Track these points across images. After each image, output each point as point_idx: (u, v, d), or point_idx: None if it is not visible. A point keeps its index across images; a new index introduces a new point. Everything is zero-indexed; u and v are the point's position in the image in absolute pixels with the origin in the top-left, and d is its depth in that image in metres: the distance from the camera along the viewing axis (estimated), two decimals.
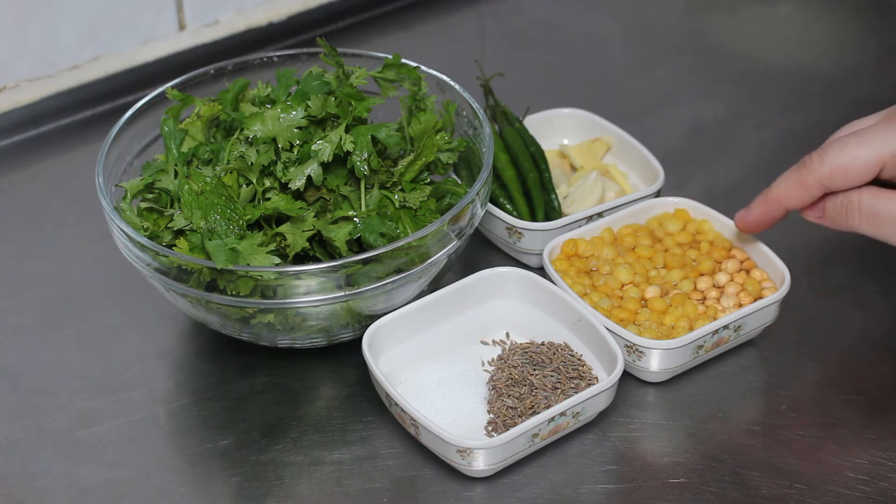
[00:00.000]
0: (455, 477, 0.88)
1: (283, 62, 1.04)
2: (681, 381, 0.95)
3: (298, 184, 0.92)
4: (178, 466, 0.90)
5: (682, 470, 0.89)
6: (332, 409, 0.93)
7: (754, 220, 0.93)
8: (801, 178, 0.89)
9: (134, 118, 0.99)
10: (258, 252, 0.88)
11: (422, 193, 0.94)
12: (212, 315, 0.92)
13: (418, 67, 0.99)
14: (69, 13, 1.18)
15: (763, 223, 0.93)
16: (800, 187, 0.89)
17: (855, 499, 0.86)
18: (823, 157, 0.88)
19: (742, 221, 0.95)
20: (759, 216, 0.93)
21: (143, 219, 0.93)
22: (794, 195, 0.90)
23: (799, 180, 0.89)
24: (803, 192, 0.89)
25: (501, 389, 0.91)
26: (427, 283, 0.94)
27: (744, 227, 0.95)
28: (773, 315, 0.96)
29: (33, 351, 0.98)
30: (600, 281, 0.97)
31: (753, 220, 0.94)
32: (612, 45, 1.31)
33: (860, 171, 0.87)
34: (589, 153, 1.10)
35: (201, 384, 0.95)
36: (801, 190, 0.89)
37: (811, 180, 0.88)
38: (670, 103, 1.22)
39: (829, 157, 0.88)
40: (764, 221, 0.93)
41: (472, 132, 1.00)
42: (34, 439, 0.92)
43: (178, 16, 1.25)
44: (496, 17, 1.36)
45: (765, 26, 1.33)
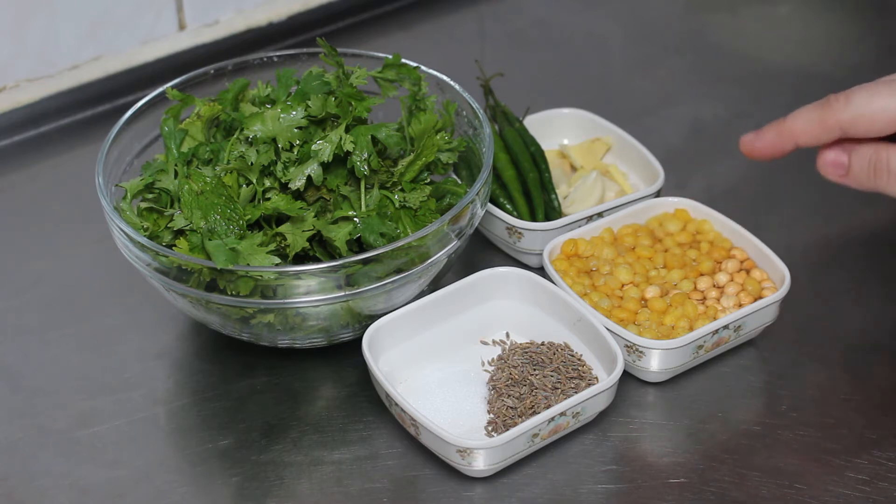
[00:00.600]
0: (455, 477, 0.88)
1: (283, 62, 1.04)
2: (681, 381, 0.95)
3: (298, 184, 0.92)
4: (178, 466, 0.90)
5: (682, 470, 0.89)
6: (332, 409, 0.93)
7: (762, 146, 0.90)
8: (822, 116, 0.86)
9: (134, 118, 0.99)
10: (258, 252, 0.88)
11: (422, 193, 0.94)
12: (212, 315, 0.92)
13: (418, 67, 1.00)
14: (69, 13, 1.18)
15: (770, 153, 0.90)
16: (818, 125, 0.86)
17: (855, 499, 0.86)
18: (850, 100, 0.85)
19: (749, 145, 0.91)
20: (769, 144, 0.90)
21: (143, 219, 0.93)
22: (810, 132, 0.87)
23: (820, 118, 0.86)
24: (821, 131, 0.86)
25: (501, 389, 0.91)
26: (427, 283, 0.94)
27: (749, 151, 0.91)
28: (773, 315, 0.96)
29: (33, 351, 0.98)
30: (600, 281, 0.97)
31: (761, 147, 0.91)
32: (612, 45, 1.31)
33: (886, 121, 0.84)
34: (589, 153, 1.10)
35: (201, 384, 0.95)
36: (819, 129, 0.86)
37: (832, 121, 0.86)
38: (670, 103, 1.22)
39: (855, 101, 0.85)
40: (772, 151, 0.90)
41: (472, 132, 1.00)
42: (34, 439, 0.92)
43: (178, 16, 1.25)
44: (496, 17, 1.36)
45: (765, 26, 1.33)
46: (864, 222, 1.08)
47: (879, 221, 1.08)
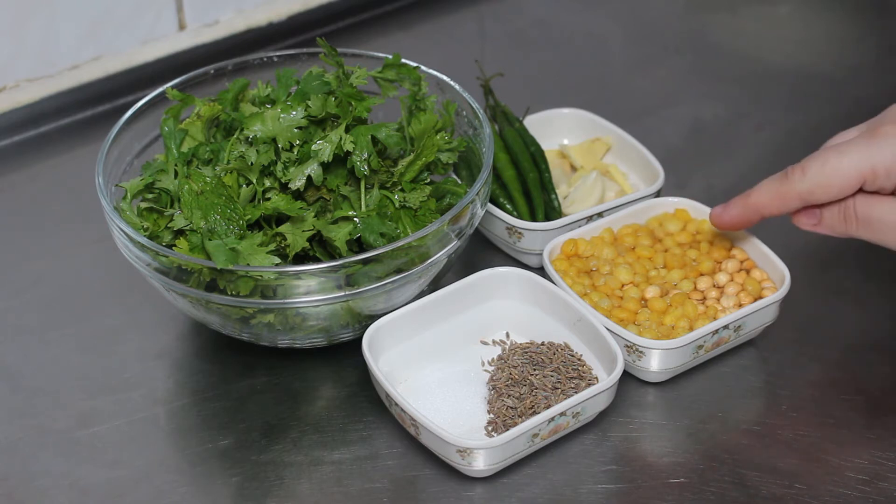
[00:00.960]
0: (455, 477, 0.88)
1: (283, 62, 1.04)
2: (681, 381, 0.95)
3: (298, 184, 0.92)
4: (178, 466, 0.90)
5: (682, 470, 0.89)
6: (332, 409, 0.93)
7: (730, 220, 0.94)
8: (781, 189, 0.90)
9: (134, 118, 0.99)
10: (258, 252, 0.88)
11: (422, 193, 0.94)
12: (212, 315, 0.92)
13: (418, 67, 0.99)
14: (69, 13, 1.18)
15: (738, 225, 0.95)
16: (779, 199, 0.91)
17: (855, 499, 0.86)
18: (805, 172, 0.89)
19: (718, 219, 0.95)
20: (736, 218, 0.94)
21: (143, 219, 0.93)
22: (773, 205, 0.91)
23: (779, 192, 0.90)
24: (782, 203, 0.91)
25: (501, 389, 0.91)
26: (427, 283, 0.94)
27: (718, 224, 0.95)
28: (773, 315, 0.96)
29: (33, 351, 0.98)
30: (600, 281, 0.97)
31: (729, 220, 0.94)
32: (612, 45, 1.31)
33: (840, 186, 0.88)
34: (589, 153, 1.10)
35: (201, 384, 0.95)
36: (780, 201, 0.91)
37: (791, 194, 0.90)
38: (670, 103, 1.22)
39: (810, 172, 0.89)
40: (739, 223, 0.94)
41: (472, 132, 1.00)
42: (34, 439, 0.92)
43: (178, 16, 1.25)
44: (496, 17, 1.36)
45: (765, 26, 1.33)
46: None
47: None
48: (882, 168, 0.86)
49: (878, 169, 0.86)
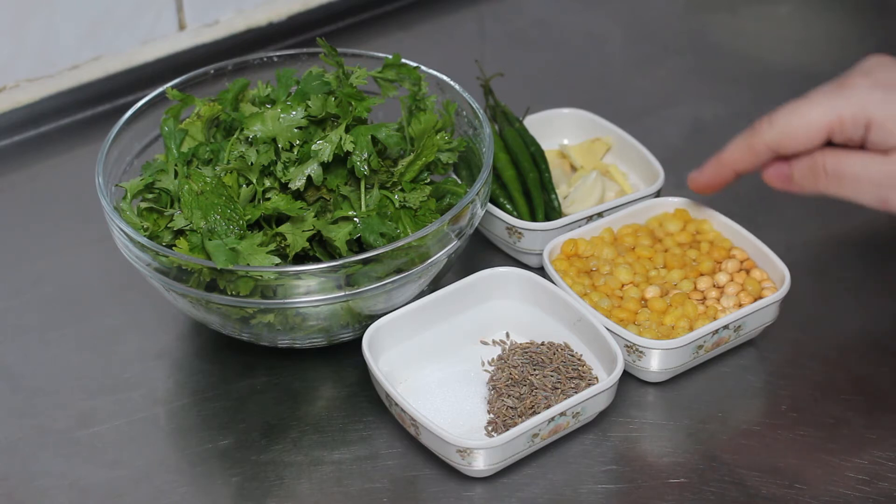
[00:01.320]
0: (455, 477, 0.88)
1: (283, 62, 1.04)
2: (681, 381, 0.95)
3: (298, 184, 0.92)
4: (178, 466, 0.90)
5: (682, 470, 0.89)
6: (332, 409, 0.93)
7: (706, 181, 0.95)
8: (750, 142, 0.91)
9: (134, 118, 0.99)
10: (258, 252, 0.88)
11: (422, 193, 0.94)
12: (212, 315, 0.92)
13: (418, 67, 0.99)
14: (69, 13, 1.18)
15: (714, 185, 0.95)
16: (749, 151, 0.91)
17: (855, 499, 0.86)
18: (772, 122, 0.89)
19: (694, 182, 0.96)
20: (711, 178, 0.95)
21: (143, 219, 0.93)
22: (745, 159, 0.92)
23: (749, 144, 0.91)
24: (753, 156, 0.91)
25: (501, 389, 0.91)
26: (427, 283, 0.94)
27: (695, 187, 0.96)
28: (773, 315, 0.96)
29: (33, 351, 0.98)
30: (600, 281, 0.97)
31: (705, 182, 0.95)
32: (612, 45, 1.31)
33: (807, 135, 0.88)
34: (589, 153, 1.10)
35: (201, 384, 0.95)
36: (750, 154, 0.91)
37: (760, 145, 0.90)
38: (670, 103, 1.22)
39: (777, 121, 0.89)
40: (715, 183, 0.95)
41: (472, 132, 1.00)
42: (34, 439, 0.92)
43: (178, 16, 1.25)
44: (496, 17, 1.36)
45: (765, 26, 1.33)
46: (864, 222, 1.08)
47: (879, 221, 1.08)
48: (849, 116, 0.86)
49: (845, 117, 0.86)
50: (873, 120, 0.86)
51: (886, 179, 0.86)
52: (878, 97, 0.86)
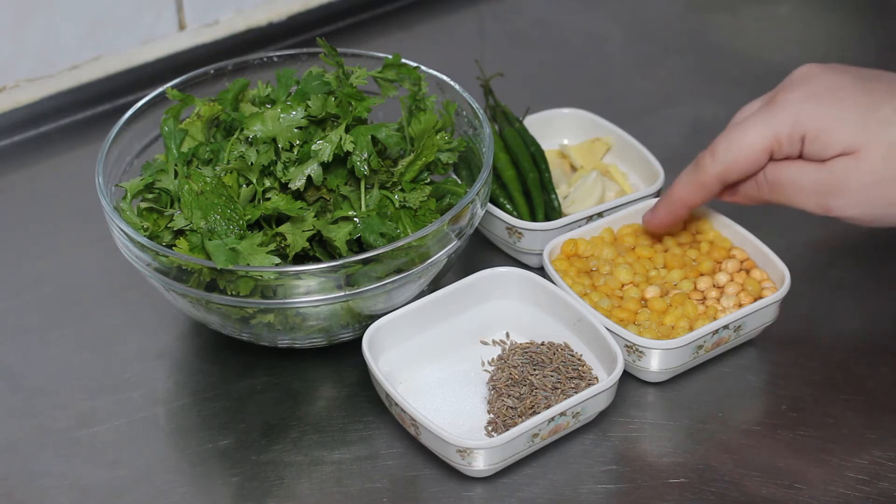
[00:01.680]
0: (455, 477, 0.88)
1: (283, 62, 1.04)
2: (681, 381, 0.95)
3: (298, 184, 0.92)
4: (178, 466, 0.90)
5: (682, 470, 0.89)
6: (332, 409, 0.93)
7: (660, 221, 0.97)
8: (697, 178, 0.92)
9: (134, 118, 0.99)
10: (258, 252, 0.88)
11: (422, 193, 0.94)
12: (212, 315, 0.92)
13: (418, 67, 0.99)
14: (69, 13, 1.18)
15: (668, 224, 0.97)
16: (698, 187, 0.92)
17: (855, 499, 0.86)
18: (715, 155, 0.91)
19: (649, 224, 0.98)
20: (665, 217, 0.96)
21: (143, 219, 0.93)
22: (696, 195, 0.93)
23: (696, 180, 0.92)
24: (703, 190, 0.92)
25: (501, 389, 0.91)
26: (427, 283, 0.94)
27: (650, 228, 0.98)
28: (773, 315, 0.96)
29: (33, 351, 0.98)
30: (600, 281, 0.97)
31: (659, 221, 0.97)
32: (612, 45, 1.31)
33: (749, 160, 0.89)
34: (589, 153, 1.10)
35: (201, 384, 0.95)
36: (700, 189, 0.93)
37: (708, 179, 0.91)
38: (670, 103, 1.22)
39: (719, 154, 0.90)
40: (670, 221, 0.97)
41: (472, 132, 1.00)
42: (34, 439, 0.92)
43: (178, 16, 1.25)
44: (496, 17, 1.36)
45: (765, 26, 1.33)
46: None
47: None
48: (784, 135, 0.88)
49: (781, 137, 0.88)
50: (807, 133, 0.87)
51: (823, 187, 0.88)
52: (809, 109, 0.88)
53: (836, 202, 0.88)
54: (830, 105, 0.87)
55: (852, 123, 0.86)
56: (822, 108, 0.87)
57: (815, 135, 0.87)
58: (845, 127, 0.86)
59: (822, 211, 0.89)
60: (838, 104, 0.87)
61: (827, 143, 0.87)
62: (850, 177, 0.87)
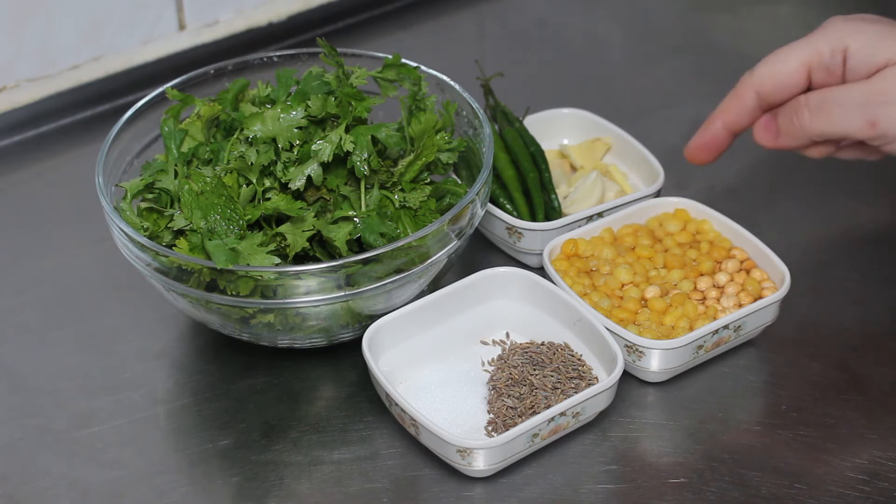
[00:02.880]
0: (455, 477, 0.88)
1: (283, 62, 1.04)
2: (681, 381, 0.95)
3: (298, 184, 0.92)
4: (178, 466, 0.90)
5: (682, 470, 0.89)
6: (332, 409, 0.93)
7: (698, 143, 0.97)
8: (735, 91, 0.93)
9: (134, 118, 0.99)
10: (258, 252, 0.88)
11: (422, 193, 0.94)
12: (212, 315, 0.92)
13: (418, 67, 0.99)
14: (69, 13, 1.18)
15: (707, 146, 0.97)
16: (735, 101, 0.93)
17: (855, 499, 0.86)
18: (754, 70, 0.92)
19: (688, 149, 0.98)
20: (703, 139, 0.96)
21: (143, 219, 0.93)
22: (733, 110, 0.93)
23: (734, 94, 0.93)
24: (740, 104, 0.93)
25: (501, 389, 0.91)
26: (427, 283, 0.94)
27: (690, 154, 0.98)
28: (773, 315, 0.96)
29: (33, 351, 0.98)
30: (600, 281, 0.97)
31: (697, 144, 0.97)
32: (612, 45, 1.31)
33: (789, 72, 0.90)
34: (589, 153, 1.10)
35: (201, 384, 0.95)
36: (737, 103, 0.93)
37: (744, 91, 0.92)
38: (670, 103, 1.22)
39: (758, 67, 0.92)
40: (708, 144, 0.96)
41: (472, 132, 1.00)
42: (34, 439, 0.92)
43: (178, 16, 1.25)
44: (496, 17, 1.36)
45: (765, 26, 1.33)
46: (864, 222, 1.08)
47: (879, 221, 1.08)
48: (826, 48, 0.88)
49: (822, 49, 0.89)
50: (850, 47, 0.88)
51: (870, 97, 0.87)
52: (852, 28, 0.88)
53: (885, 112, 0.86)
54: (873, 25, 0.88)
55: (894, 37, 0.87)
56: (865, 26, 0.88)
57: (860, 47, 0.87)
58: (890, 38, 0.87)
59: (868, 127, 0.87)
60: (880, 25, 0.88)
61: (873, 54, 0.87)
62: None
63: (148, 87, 1.13)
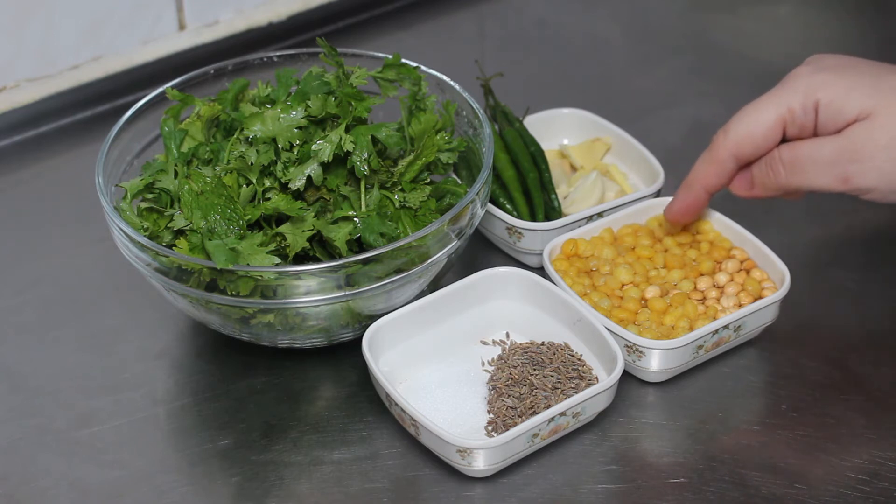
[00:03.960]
0: (455, 477, 0.88)
1: (283, 62, 1.04)
2: (681, 381, 0.95)
3: (298, 184, 0.92)
4: (178, 466, 0.90)
5: (682, 470, 0.89)
6: (332, 409, 0.93)
7: (679, 208, 0.96)
8: (711, 156, 0.92)
9: (134, 118, 0.99)
10: (258, 252, 0.88)
11: (422, 193, 0.94)
12: (212, 315, 0.92)
13: (418, 67, 0.99)
14: (69, 13, 1.18)
15: (689, 210, 0.96)
16: (713, 165, 0.92)
17: (855, 499, 0.86)
18: (727, 131, 0.91)
19: (669, 212, 0.98)
20: (684, 203, 0.96)
21: (143, 219, 0.93)
22: (711, 174, 0.93)
23: (710, 158, 0.92)
24: (718, 168, 0.92)
25: (501, 389, 0.91)
26: (427, 283, 0.94)
27: (671, 218, 0.98)
28: (773, 315, 0.96)
29: (33, 351, 0.98)
30: (600, 281, 0.97)
31: (678, 209, 0.96)
32: (612, 45, 1.31)
33: (763, 133, 0.90)
34: (589, 153, 1.10)
35: (201, 384, 0.95)
36: (715, 167, 0.92)
37: (721, 155, 0.91)
38: (670, 103, 1.22)
39: (731, 128, 0.91)
40: (689, 208, 0.96)
41: (472, 132, 1.00)
42: (34, 439, 0.92)
43: (178, 16, 1.25)
44: (496, 17, 1.36)
45: (765, 26, 1.33)
46: (864, 222, 1.08)
47: (879, 221, 1.08)
48: (798, 104, 0.88)
49: (794, 106, 0.88)
50: (820, 101, 0.88)
51: (840, 155, 0.87)
52: (822, 79, 0.88)
53: (855, 169, 0.87)
54: (841, 75, 0.88)
55: (865, 88, 0.87)
56: (834, 77, 0.88)
57: (829, 101, 0.87)
58: (858, 91, 0.87)
59: (840, 184, 0.88)
60: (849, 74, 0.88)
61: (842, 108, 0.87)
62: (868, 140, 0.86)
63: (148, 87, 1.13)
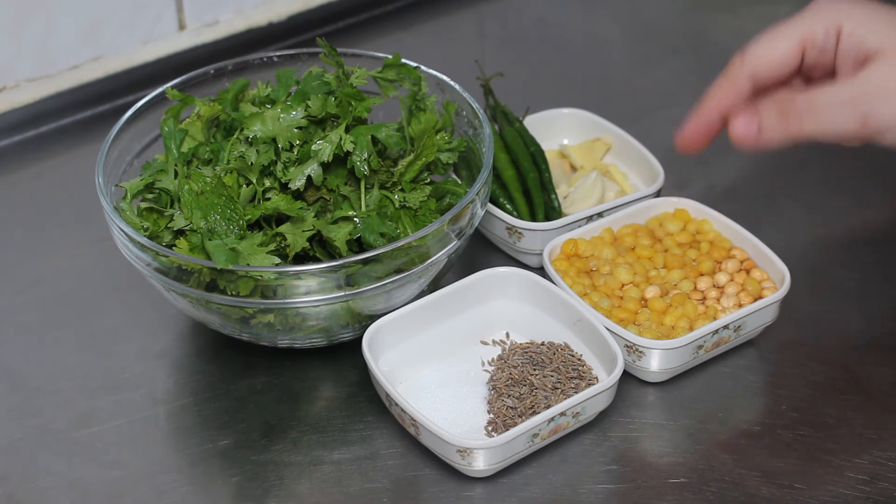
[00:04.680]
0: (455, 477, 0.88)
1: (283, 62, 1.04)
2: (681, 381, 0.95)
3: (298, 184, 0.92)
4: (178, 466, 0.90)
5: (682, 470, 0.89)
6: (332, 409, 0.93)
7: (690, 131, 0.92)
8: (727, 73, 0.89)
9: (134, 118, 0.99)
10: (258, 252, 0.88)
11: (422, 193, 0.94)
12: (212, 315, 0.92)
13: (418, 67, 0.99)
14: (69, 13, 1.18)
15: (701, 135, 0.91)
16: (728, 83, 0.89)
17: (855, 499, 0.86)
18: (745, 50, 0.89)
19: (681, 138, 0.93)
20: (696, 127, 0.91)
21: (143, 219, 0.93)
22: (726, 96, 0.89)
23: (726, 76, 0.89)
24: (732, 87, 0.89)
25: (501, 389, 0.91)
26: (427, 283, 0.94)
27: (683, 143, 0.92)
28: (773, 315, 0.96)
29: (33, 351, 0.98)
30: (600, 281, 0.97)
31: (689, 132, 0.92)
32: (612, 45, 1.31)
33: (782, 54, 0.88)
34: (589, 153, 1.10)
35: (201, 384, 0.95)
36: (729, 85, 0.89)
37: (739, 75, 0.89)
38: (670, 103, 1.22)
39: (750, 49, 0.89)
40: (701, 132, 0.91)
41: (472, 132, 1.00)
42: (34, 439, 0.92)
43: (178, 16, 1.25)
44: (496, 17, 1.36)
45: (765, 26, 1.33)
46: (864, 222, 1.08)
47: (879, 221, 1.08)
48: (820, 27, 0.86)
49: (816, 28, 0.86)
50: (843, 27, 0.86)
51: (860, 95, 0.85)
52: (845, 8, 0.86)
53: (876, 108, 0.84)
54: (864, 7, 0.86)
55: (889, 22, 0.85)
56: (857, 8, 0.86)
57: (852, 30, 0.85)
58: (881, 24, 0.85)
59: (859, 125, 0.85)
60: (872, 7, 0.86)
61: (864, 38, 0.85)
62: (890, 78, 0.84)
63: (148, 87, 1.13)
